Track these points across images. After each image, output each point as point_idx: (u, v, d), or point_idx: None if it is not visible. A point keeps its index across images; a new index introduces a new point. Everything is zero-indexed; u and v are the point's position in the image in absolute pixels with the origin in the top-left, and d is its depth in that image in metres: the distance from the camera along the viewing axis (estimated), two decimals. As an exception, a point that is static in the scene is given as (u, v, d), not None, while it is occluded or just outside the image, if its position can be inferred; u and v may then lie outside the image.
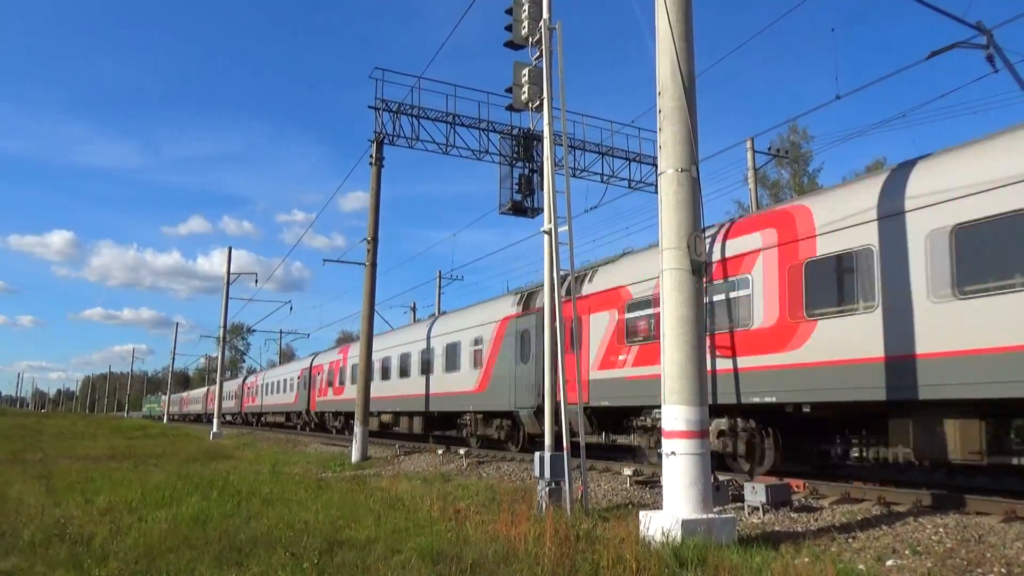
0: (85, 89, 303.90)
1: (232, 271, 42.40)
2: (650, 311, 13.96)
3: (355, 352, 31.76)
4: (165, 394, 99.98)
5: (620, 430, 15.70)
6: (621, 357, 14.78)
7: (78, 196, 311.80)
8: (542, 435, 11.49)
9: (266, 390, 50.24)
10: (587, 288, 16.19)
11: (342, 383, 33.48)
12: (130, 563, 6.87)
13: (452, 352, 22.75)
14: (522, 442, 19.50)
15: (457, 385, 22.10)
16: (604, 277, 15.94)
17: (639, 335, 14.40)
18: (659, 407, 8.33)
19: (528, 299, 19.25)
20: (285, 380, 44.61)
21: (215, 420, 39.75)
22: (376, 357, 26.52)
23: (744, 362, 12.02)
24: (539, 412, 16.33)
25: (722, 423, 12.71)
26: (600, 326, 15.53)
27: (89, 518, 9.35)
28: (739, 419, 12.57)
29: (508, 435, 20.12)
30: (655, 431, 13.41)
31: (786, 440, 12.25)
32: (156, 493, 11.48)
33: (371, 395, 24.16)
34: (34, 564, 6.97)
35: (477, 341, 21.07)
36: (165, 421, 73.99)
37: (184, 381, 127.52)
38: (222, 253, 43.13)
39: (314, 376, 38.41)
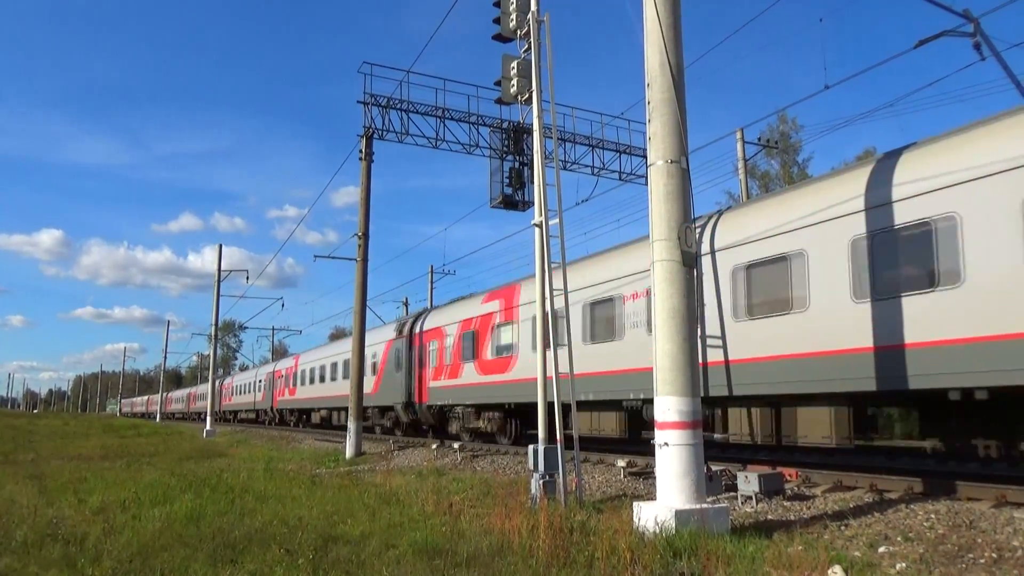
0: (70, 85, 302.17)
1: (223, 268, 42.17)
2: None
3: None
4: (127, 397, 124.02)
5: None
6: None
7: (67, 194, 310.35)
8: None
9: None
10: None
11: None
12: (124, 562, 6.85)
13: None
14: None
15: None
16: None
17: None
18: None
19: None
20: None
21: (208, 418, 39.60)
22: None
23: None
24: None
25: None
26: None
27: (82, 518, 9.31)
28: None
29: None
30: None
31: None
32: (149, 492, 11.44)
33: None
34: (27, 564, 6.93)
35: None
36: (158, 420, 73.79)
37: (177, 379, 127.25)
38: (213, 250, 43.18)
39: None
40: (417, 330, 24.48)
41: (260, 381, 49.87)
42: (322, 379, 35.03)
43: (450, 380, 22.00)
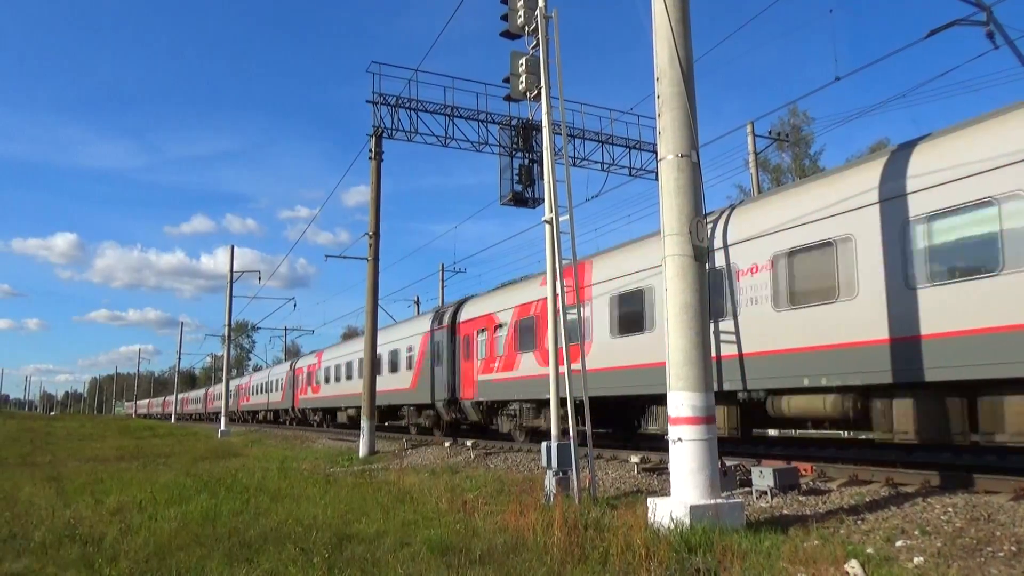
0: (82, 90, 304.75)
1: (236, 269, 42.45)
2: None
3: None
4: (140, 399, 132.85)
5: None
6: None
7: (80, 198, 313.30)
8: None
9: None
10: None
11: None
12: (140, 562, 6.90)
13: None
14: None
15: None
16: None
17: None
18: None
19: None
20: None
21: (223, 418, 39.81)
22: None
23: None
24: None
25: None
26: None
27: (99, 518, 9.39)
28: None
29: None
30: None
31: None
32: (165, 492, 11.52)
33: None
34: (45, 565, 7.00)
35: None
36: (173, 421, 74.49)
37: (191, 380, 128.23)
38: (226, 251, 44.07)
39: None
40: (297, 366, 44.96)
41: (231, 391, 63.42)
42: (258, 392, 54.73)
43: (306, 395, 41.58)
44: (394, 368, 27.49)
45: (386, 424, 31.80)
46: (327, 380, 37.18)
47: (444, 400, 23.46)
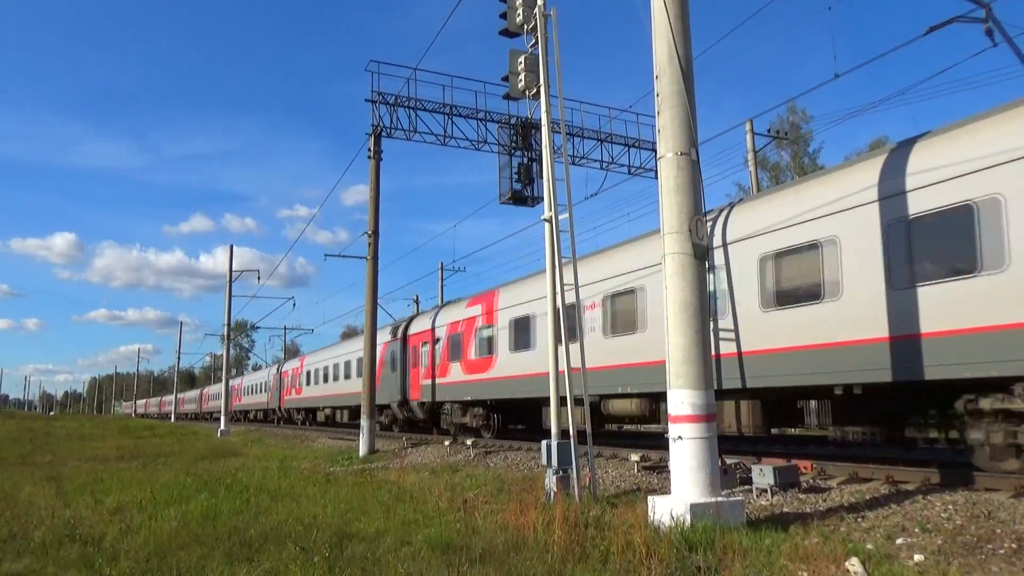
0: (80, 89, 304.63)
1: (235, 268, 42.39)
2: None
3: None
4: (140, 399, 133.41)
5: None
6: None
7: (79, 198, 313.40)
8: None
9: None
10: None
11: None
12: (141, 561, 6.89)
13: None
14: None
15: None
16: None
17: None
18: None
19: None
20: None
21: (222, 418, 39.80)
22: None
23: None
24: None
25: None
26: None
27: (99, 518, 9.38)
28: None
29: None
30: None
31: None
32: (165, 492, 11.51)
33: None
34: (46, 565, 6.99)
35: None
36: (173, 420, 74.56)
37: (190, 380, 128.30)
38: (225, 251, 44.05)
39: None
40: (283, 370, 48.91)
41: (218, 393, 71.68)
42: (250, 393, 59.40)
43: (291, 396, 45.48)
44: (361, 373, 29.79)
45: (356, 422, 34.86)
46: (308, 383, 41.44)
47: (397, 401, 26.71)
